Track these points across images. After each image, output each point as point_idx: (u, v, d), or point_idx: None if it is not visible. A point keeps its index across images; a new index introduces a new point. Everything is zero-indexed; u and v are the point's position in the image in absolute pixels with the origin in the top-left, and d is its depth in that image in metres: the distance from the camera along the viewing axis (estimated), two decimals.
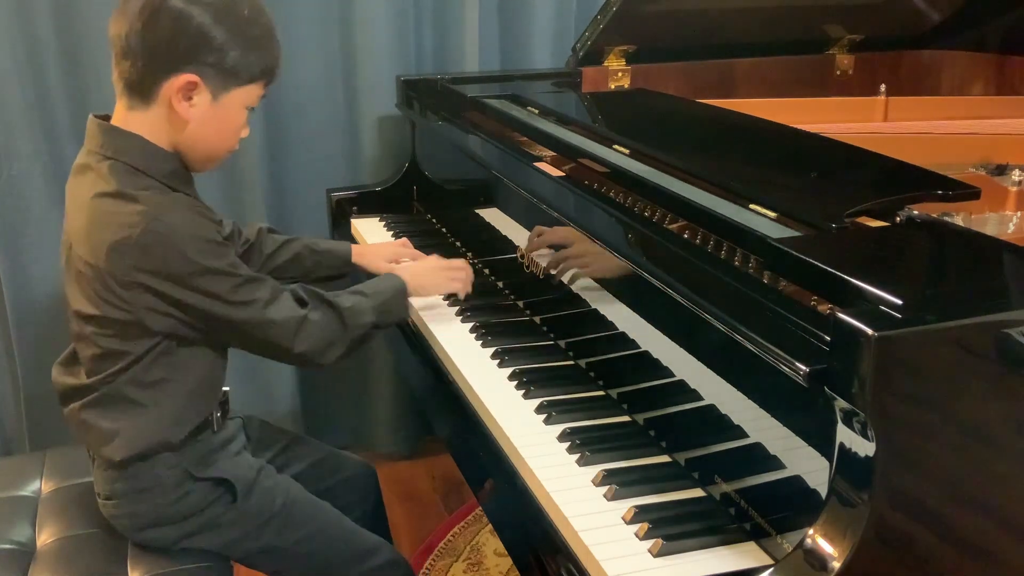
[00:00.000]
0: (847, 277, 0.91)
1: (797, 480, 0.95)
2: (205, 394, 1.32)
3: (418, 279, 1.49)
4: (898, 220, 1.11)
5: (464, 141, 1.79)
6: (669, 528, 0.99)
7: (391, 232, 1.97)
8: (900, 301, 0.85)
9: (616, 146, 1.51)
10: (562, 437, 1.18)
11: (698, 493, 1.08)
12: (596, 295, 1.34)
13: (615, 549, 0.98)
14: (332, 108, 2.22)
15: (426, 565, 2.08)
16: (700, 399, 1.10)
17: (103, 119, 1.26)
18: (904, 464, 0.86)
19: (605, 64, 2.07)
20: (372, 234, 1.98)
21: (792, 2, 2.08)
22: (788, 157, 1.45)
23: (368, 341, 1.37)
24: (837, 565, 0.84)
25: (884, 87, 1.96)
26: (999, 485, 0.91)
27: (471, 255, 1.80)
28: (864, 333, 0.80)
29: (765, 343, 0.91)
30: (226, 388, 1.38)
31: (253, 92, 1.26)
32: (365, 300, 1.36)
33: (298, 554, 1.39)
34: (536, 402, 1.26)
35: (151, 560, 1.32)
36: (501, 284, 1.67)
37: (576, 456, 1.14)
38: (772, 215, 1.14)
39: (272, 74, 1.28)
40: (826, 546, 0.85)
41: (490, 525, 2.06)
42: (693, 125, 1.72)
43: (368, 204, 2.11)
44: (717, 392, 1.07)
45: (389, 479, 2.18)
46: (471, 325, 1.50)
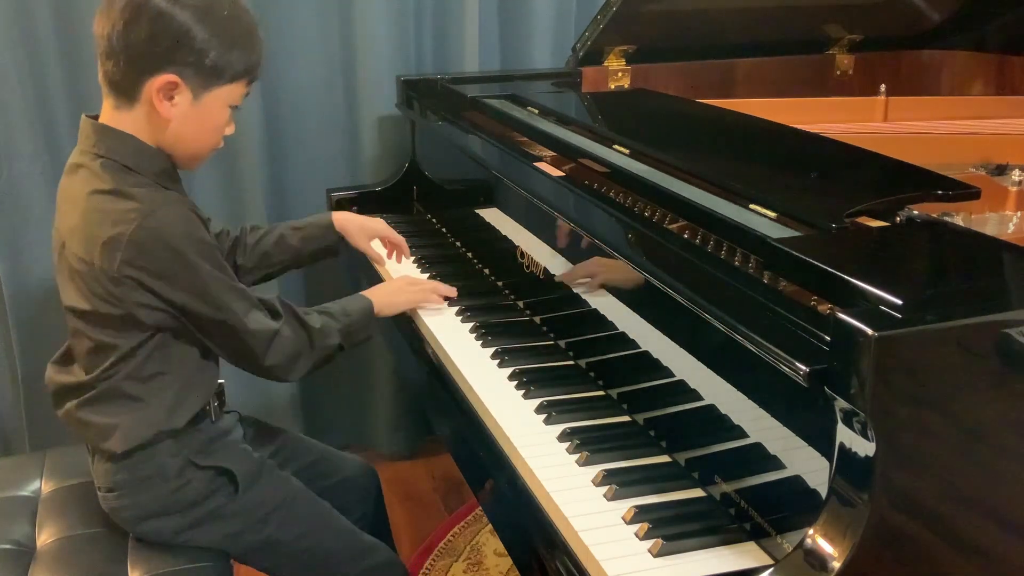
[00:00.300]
0: (847, 277, 0.91)
1: (797, 480, 0.95)
2: (200, 384, 1.33)
3: (385, 298, 1.50)
4: (898, 220, 1.11)
5: (464, 141, 1.79)
6: (669, 528, 0.99)
7: None
8: (900, 301, 0.85)
9: (616, 146, 1.51)
10: (562, 437, 1.18)
11: (698, 493, 1.08)
12: (596, 295, 1.34)
13: (615, 549, 0.98)
14: (332, 108, 2.22)
15: (426, 565, 2.08)
16: (700, 399, 1.10)
17: (94, 118, 1.27)
18: (904, 464, 0.86)
19: (605, 64, 2.07)
20: None
21: (792, 2, 2.08)
22: (788, 157, 1.45)
23: (331, 361, 1.40)
24: (837, 565, 0.84)
25: (884, 87, 1.96)
26: (999, 485, 0.91)
27: (471, 255, 1.81)
28: (864, 333, 0.80)
29: (765, 343, 0.91)
30: (221, 380, 1.39)
31: (235, 91, 1.27)
32: (333, 322, 1.39)
33: (298, 550, 1.40)
34: (536, 402, 1.26)
35: (151, 559, 1.32)
36: (501, 284, 1.67)
37: (576, 456, 1.14)
38: (772, 215, 1.14)
39: (254, 73, 1.29)
40: (826, 546, 0.85)
41: (490, 525, 2.06)
42: (693, 125, 1.72)
43: (368, 204, 2.11)
44: (717, 392, 1.07)
45: (389, 479, 2.17)
46: (471, 325, 1.50)
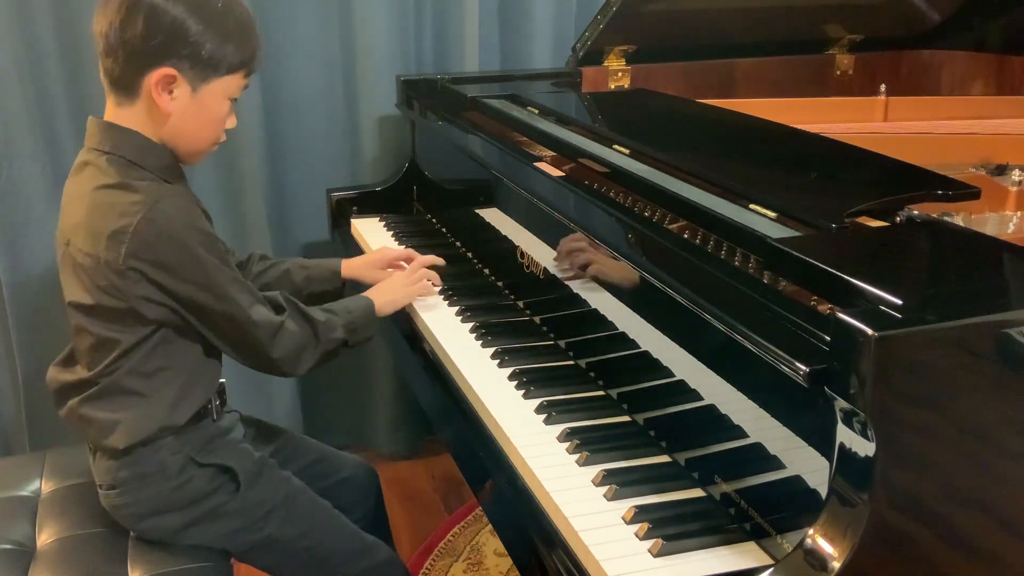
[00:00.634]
0: (847, 277, 0.91)
1: (797, 480, 0.95)
2: (203, 380, 1.33)
3: (384, 296, 1.51)
4: (898, 220, 1.11)
5: (464, 141, 1.79)
6: (669, 528, 0.99)
7: (391, 232, 1.97)
8: (900, 301, 0.85)
9: (616, 146, 1.51)
10: (562, 437, 1.18)
11: (698, 493, 1.08)
12: (596, 295, 1.34)
13: (615, 549, 0.98)
14: (332, 108, 2.22)
15: (426, 565, 2.08)
16: (700, 399, 1.10)
17: (100, 119, 1.28)
18: (904, 464, 0.86)
19: (605, 64, 2.07)
20: (372, 234, 1.98)
21: (792, 2, 2.08)
22: (788, 157, 1.45)
23: (336, 356, 1.40)
24: (837, 565, 0.84)
25: (884, 87, 1.96)
26: (999, 485, 0.91)
27: (471, 255, 1.81)
28: (864, 333, 0.80)
29: (765, 343, 0.91)
30: (222, 380, 1.39)
31: (233, 83, 1.28)
32: (336, 317, 1.40)
33: (298, 548, 1.40)
34: (536, 402, 1.26)
35: (151, 559, 1.32)
36: (501, 284, 1.67)
37: (576, 456, 1.14)
38: (772, 215, 1.14)
39: (251, 64, 1.30)
40: (826, 546, 0.85)
41: (490, 525, 2.06)
42: (693, 125, 1.72)
43: (368, 204, 2.11)
44: (717, 392, 1.07)
45: (389, 479, 2.17)
46: (471, 325, 1.50)
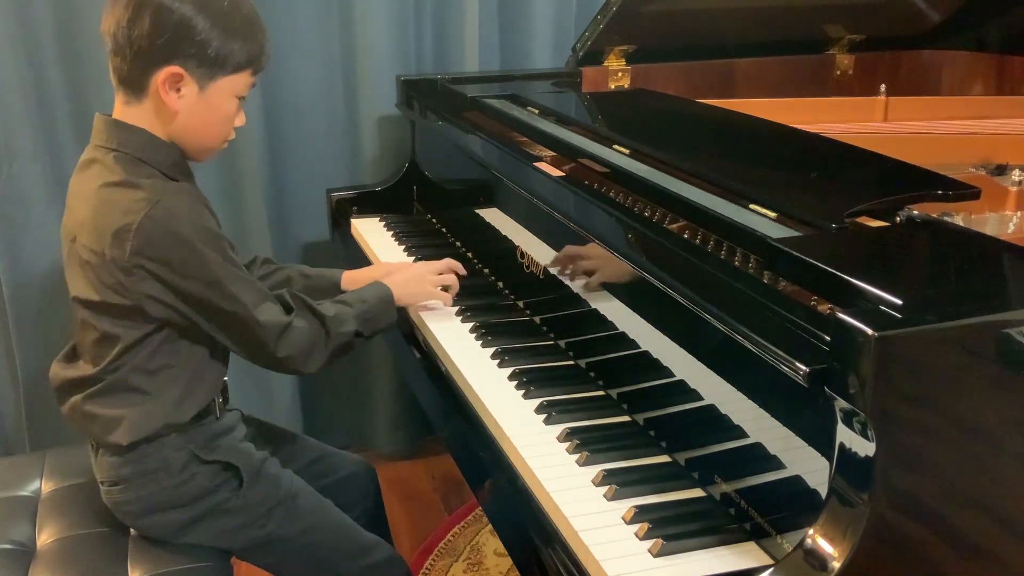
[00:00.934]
0: (847, 277, 0.91)
1: (797, 480, 0.95)
2: (207, 379, 1.33)
3: (405, 288, 1.49)
4: (898, 220, 1.11)
5: (464, 141, 1.79)
6: (669, 528, 0.99)
7: (391, 232, 1.97)
8: (900, 301, 0.85)
9: (616, 146, 1.51)
10: (562, 437, 1.18)
11: (698, 493, 1.08)
12: (596, 295, 1.34)
13: (615, 549, 0.98)
14: (332, 108, 2.22)
15: (426, 565, 2.08)
16: (700, 399, 1.10)
17: (107, 116, 1.29)
18: (904, 464, 0.86)
19: (605, 64, 2.07)
20: (372, 234, 1.98)
21: (792, 2, 2.08)
22: (788, 157, 1.45)
23: (352, 349, 1.38)
24: (837, 565, 0.84)
25: (884, 87, 1.96)
26: (999, 485, 0.91)
27: (471, 255, 1.81)
28: (864, 333, 0.80)
29: (765, 343, 0.91)
30: (226, 378, 1.39)
31: (240, 81, 1.28)
32: (348, 309, 1.38)
33: (300, 546, 1.40)
34: (536, 402, 1.26)
35: (152, 558, 1.32)
36: (501, 284, 1.67)
37: (576, 456, 1.14)
38: (772, 215, 1.14)
39: (258, 62, 1.30)
40: (826, 546, 0.86)
41: (490, 525, 2.06)
42: (693, 125, 1.72)
43: (368, 204, 2.11)
44: (717, 392, 1.07)
45: (389, 479, 2.18)
46: (471, 325, 1.50)
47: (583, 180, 1.44)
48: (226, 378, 1.39)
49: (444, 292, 1.55)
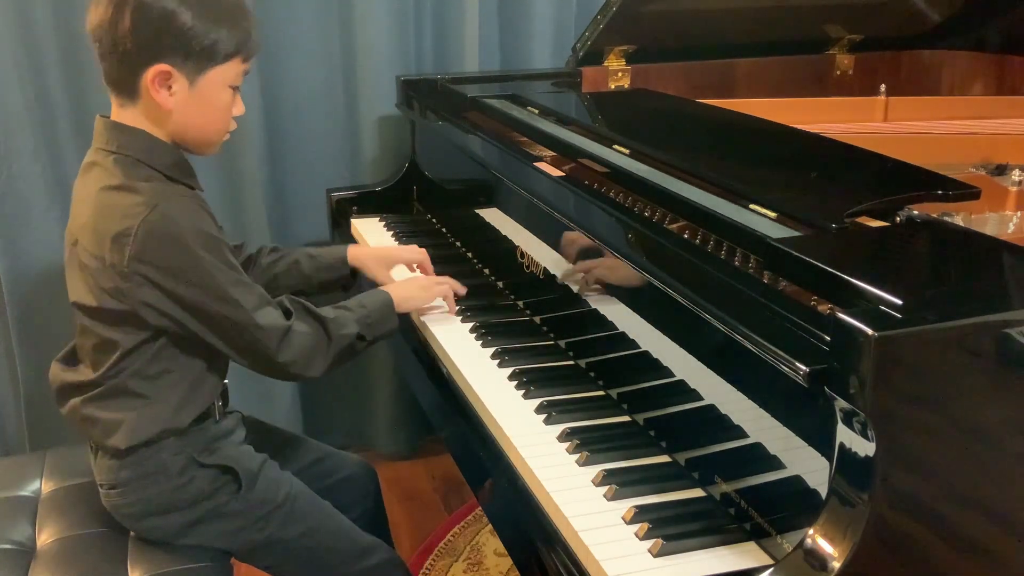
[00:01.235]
0: (847, 277, 0.91)
1: (797, 480, 0.95)
2: (207, 383, 1.33)
3: (403, 292, 1.49)
4: (898, 220, 1.11)
5: (464, 141, 1.79)
6: (669, 528, 0.99)
7: (391, 232, 1.98)
8: (900, 301, 0.85)
9: (616, 146, 1.51)
10: (562, 437, 1.18)
11: (698, 493, 1.08)
12: (596, 295, 1.34)
13: (615, 549, 0.98)
14: (332, 108, 2.22)
15: (426, 565, 2.08)
16: (700, 399, 1.10)
17: (107, 118, 1.28)
18: (904, 464, 0.86)
19: (605, 64, 2.07)
20: (372, 234, 1.98)
21: (792, 2, 2.08)
22: (788, 157, 1.45)
23: (355, 354, 1.38)
24: (837, 565, 0.84)
25: (884, 87, 1.96)
26: (999, 485, 0.91)
27: (471, 255, 1.81)
28: (864, 333, 0.80)
29: (765, 343, 0.91)
30: (226, 381, 1.38)
31: (231, 70, 1.26)
32: (349, 313, 1.37)
33: (299, 548, 1.40)
34: (536, 402, 1.26)
35: (151, 559, 1.32)
36: (501, 284, 1.67)
37: (576, 456, 1.14)
38: (772, 215, 1.14)
39: (247, 48, 1.27)
40: (826, 546, 0.86)
41: (490, 525, 2.06)
42: (693, 125, 1.72)
43: (368, 204, 2.11)
44: (717, 392, 1.07)
45: (389, 479, 2.17)
46: (471, 325, 1.50)
47: (583, 180, 1.44)
48: (226, 380, 1.39)
49: (444, 288, 1.55)
